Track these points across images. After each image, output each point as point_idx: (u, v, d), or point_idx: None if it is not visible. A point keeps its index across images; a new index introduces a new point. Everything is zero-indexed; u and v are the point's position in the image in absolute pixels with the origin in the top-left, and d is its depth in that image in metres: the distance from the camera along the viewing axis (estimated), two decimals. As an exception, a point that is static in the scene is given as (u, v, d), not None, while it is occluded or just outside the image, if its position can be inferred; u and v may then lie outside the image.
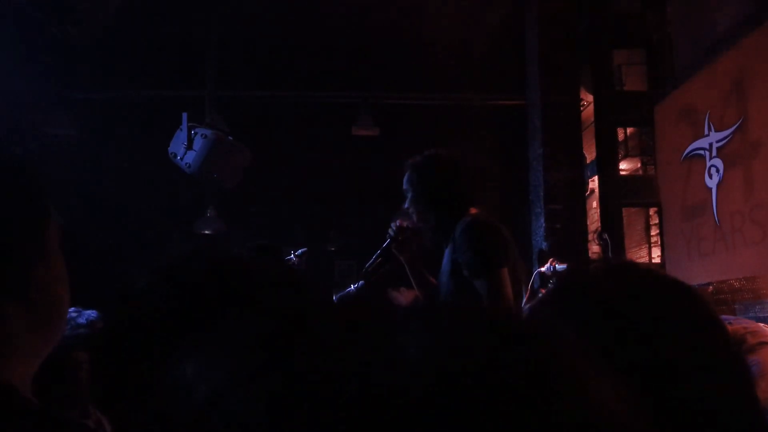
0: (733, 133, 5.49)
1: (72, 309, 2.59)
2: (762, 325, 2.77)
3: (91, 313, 4.23)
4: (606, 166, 7.21)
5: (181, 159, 5.79)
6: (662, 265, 6.88)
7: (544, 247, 6.46)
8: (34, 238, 0.86)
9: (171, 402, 0.32)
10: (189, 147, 5.74)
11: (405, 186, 2.84)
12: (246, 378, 0.30)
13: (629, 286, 0.74)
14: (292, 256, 4.05)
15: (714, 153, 5.74)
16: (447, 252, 2.77)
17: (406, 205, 2.83)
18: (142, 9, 6.45)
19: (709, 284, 5.76)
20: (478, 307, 0.36)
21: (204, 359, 0.33)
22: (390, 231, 2.82)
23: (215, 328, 0.35)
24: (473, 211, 2.79)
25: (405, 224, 2.81)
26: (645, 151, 7.47)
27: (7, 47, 6.20)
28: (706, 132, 5.86)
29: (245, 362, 0.31)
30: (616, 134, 7.48)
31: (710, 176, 5.77)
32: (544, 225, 6.57)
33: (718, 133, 5.69)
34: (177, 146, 5.85)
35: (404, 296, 4.29)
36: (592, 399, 0.31)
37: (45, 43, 5.85)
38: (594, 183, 7.54)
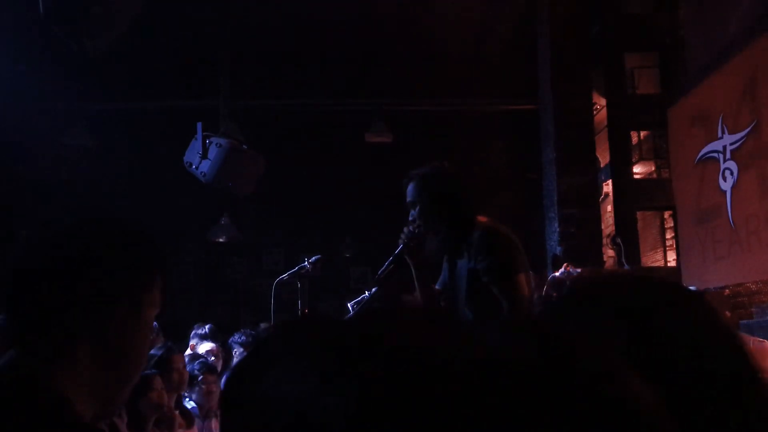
0: (746, 135, 5.46)
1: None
2: None
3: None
4: (620, 170, 7.20)
5: (197, 168, 5.83)
6: (677, 268, 6.85)
7: (558, 251, 6.45)
8: (117, 290, 0.95)
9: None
10: (204, 156, 5.79)
11: (411, 198, 2.84)
12: (330, 388, 0.33)
13: (640, 294, 0.75)
14: (306, 263, 4.08)
15: (728, 156, 5.72)
16: (462, 261, 2.78)
17: (411, 218, 2.83)
18: (156, 21, 6.53)
19: (725, 287, 5.73)
20: (527, 318, 0.41)
21: (287, 374, 0.36)
22: (402, 237, 2.84)
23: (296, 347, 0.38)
24: (482, 219, 2.81)
25: (417, 230, 2.83)
26: (659, 154, 7.45)
27: (25, 61, 6.30)
28: (719, 134, 5.84)
29: (329, 372, 0.34)
30: (629, 138, 7.47)
31: (724, 179, 5.75)
32: (558, 229, 6.56)
33: (731, 136, 5.67)
34: (192, 155, 5.90)
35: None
36: (625, 391, 0.35)
37: (62, 56, 5.93)
38: (608, 187, 7.53)
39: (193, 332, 5.27)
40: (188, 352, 4.88)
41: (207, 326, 5.31)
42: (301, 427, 0.33)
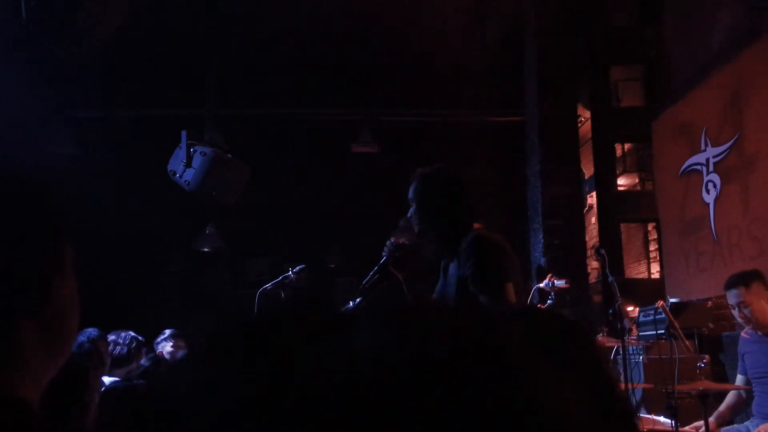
0: (729, 148, 5.51)
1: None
2: None
3: (92, 332, 4.22)
4: (604, 182, 7.24)
5: (180, 177, 5.80)
6: (661, 280, 6.89)
7: (542, 262, 6.47)
8: (52, 257, 0.90)
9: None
10: (188, 165, 5.77)
11: (410, 196, 2.83)
12: (221, 382, 0.31)
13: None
14: (290, 272, 4.06)
15: (711, 168, 5.76)
16: (453, 267, 2.76)
17: (409, 215, 2.82)
18: (141, 28, 6.50)
19: (708, 299, 5.75)
20: (434, 305, 0.37)
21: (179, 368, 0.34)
22: (386, 248, 2.82)
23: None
24: (477, 226, 2.80)
25: (402, 241, 2.81)
26: (643, 166, 7.50)
27: (8, 67, 6.25)
28: (702, 147, 5.89)
29: (217, 367, 0.32)
30: (614, 150, 7.52)
31: (707, 191, 5.79)
32: (542, 240, 6.58)
33: (714, 149, 5.72)
34: (176, 164, 5.87)
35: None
36: (545, 385, 0.32)
37: (46, 62, 5.89)
38: (592, 198, 7.57)
39: (156, 341, 5.26)
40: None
41: (167, 331, 5.30)
42: None
